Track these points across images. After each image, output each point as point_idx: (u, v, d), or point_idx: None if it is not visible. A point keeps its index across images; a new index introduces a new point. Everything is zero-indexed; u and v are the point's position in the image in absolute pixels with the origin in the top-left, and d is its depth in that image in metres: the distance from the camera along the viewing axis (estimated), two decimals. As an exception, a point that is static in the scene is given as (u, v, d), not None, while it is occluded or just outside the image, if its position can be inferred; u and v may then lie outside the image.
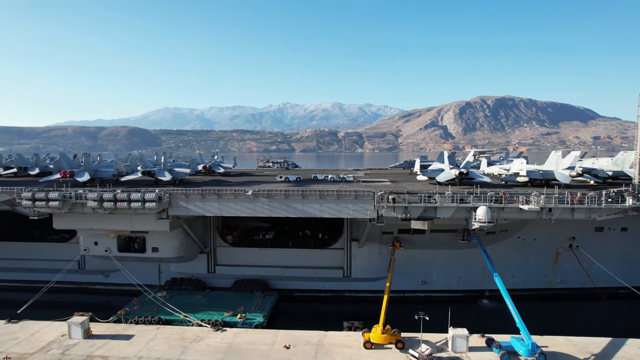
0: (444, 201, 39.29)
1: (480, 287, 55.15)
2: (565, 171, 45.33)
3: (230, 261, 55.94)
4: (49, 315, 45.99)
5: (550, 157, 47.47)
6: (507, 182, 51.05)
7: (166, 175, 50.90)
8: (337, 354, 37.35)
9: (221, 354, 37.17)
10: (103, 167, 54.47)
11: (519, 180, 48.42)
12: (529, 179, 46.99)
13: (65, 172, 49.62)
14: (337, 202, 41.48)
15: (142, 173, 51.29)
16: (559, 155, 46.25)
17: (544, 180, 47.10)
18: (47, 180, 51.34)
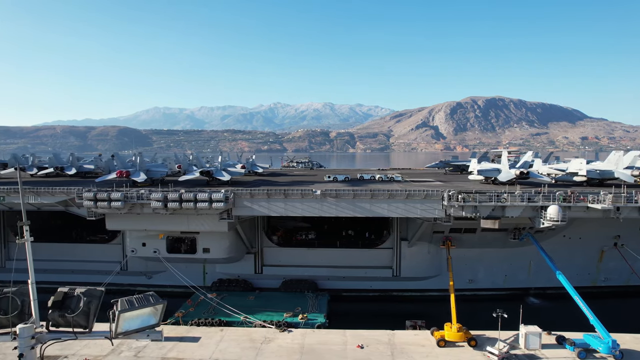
0: (514, 200, 39.64)
1: (526, 285, 55.84)
2: (627, 170, 46.07)
3: (277, 261, 55.74)
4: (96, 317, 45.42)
5: (610, 156, 48.17)
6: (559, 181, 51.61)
7: (224, 175, 50.45)
8: (413, 352, 37.41)
9: (297, 355, 36.96)
10: (156, 167, 53.73)
11: (575, 179, 49.13)
12: (586, 179, 47.71)
13: (122, 172, 48.88)
14: (406, 201, 41.59)
15: (200, 173, 50.75)
16: (620, 154, 46.98)
17: (600, 180, 47.82)
18: (103, 180, 50.54)
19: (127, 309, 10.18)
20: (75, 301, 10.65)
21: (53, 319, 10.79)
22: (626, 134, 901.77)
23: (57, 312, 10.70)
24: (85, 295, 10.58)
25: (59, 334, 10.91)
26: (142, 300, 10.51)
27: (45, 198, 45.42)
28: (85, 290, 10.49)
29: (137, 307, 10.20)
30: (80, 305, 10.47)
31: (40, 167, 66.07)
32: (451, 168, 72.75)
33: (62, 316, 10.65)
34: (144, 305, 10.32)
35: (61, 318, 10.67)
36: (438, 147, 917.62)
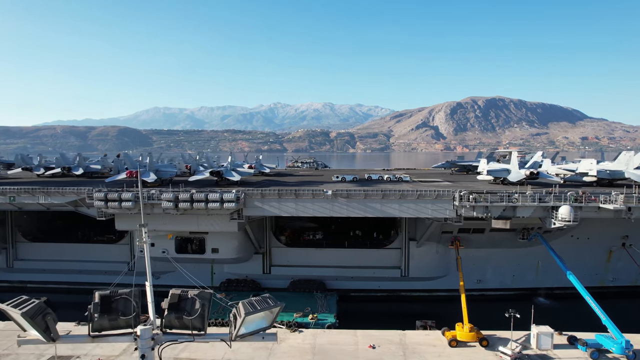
0: (525, 200, 39.67)
1: (534, 285, 55.87)
2: (637, 171, 46.11)
3: (285, 261, 55.74)
4: None
5: (620, 156, 48.24)
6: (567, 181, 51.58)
7: (234, 176, 50.47)
8: (425, 352, 37.44)
9: (309, 355, 36.98)
10: (164, 167, 53.70)
11: (585, 180, 49.17)
12: (596, 179, 47.76)
13: (132, 172, 48.88)
14: (417, 202, 41.63)
15: (210, 173, 50.73)
16: (631, 154, 47.00)
17: (610, 180, 47.86)
18: (113, 180, 50.52)
19: (251, 312, 10.19)
20: (190, 303, 10.70)
21: (168, 321, 10.86)
22: (626, 134, 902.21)
23: (174, 314, 10.77)
24: (199, 297, 10.64)
25: (175, 336, 11.01)
26: (263, 303, 10.53)
27: (55, 198, 45.42)
28: (198, 293, 10.56)
29: (259, 310, 10.23)
30: (196, 308, 10.53)
31: (47, 167, 65.99)
32: (457, 168, 72.81)
33: (179, 318, 10.73)
34: (265, 307, 10.35)
35: (177, 320, 10.75)
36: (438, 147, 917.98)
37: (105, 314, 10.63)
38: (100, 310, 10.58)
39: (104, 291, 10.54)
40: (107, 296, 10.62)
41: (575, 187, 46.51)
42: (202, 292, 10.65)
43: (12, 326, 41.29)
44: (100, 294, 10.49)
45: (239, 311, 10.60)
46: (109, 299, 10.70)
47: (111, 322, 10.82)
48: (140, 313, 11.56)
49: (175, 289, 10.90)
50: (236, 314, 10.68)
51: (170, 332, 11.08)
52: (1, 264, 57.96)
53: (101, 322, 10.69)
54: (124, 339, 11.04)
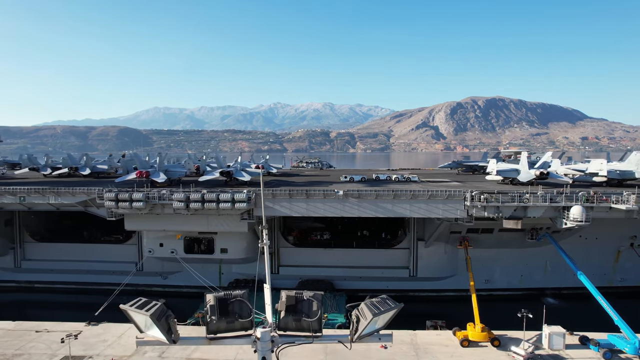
0: (536, 201, 39.70)
1: (542, 285, 55.92)
2: (647, 171, 46.18)
3: (294, 262, 55.75)
4: (113, 317, 45.25)
5: (630, 157, 48.29)
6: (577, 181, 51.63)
7: (245, 176, 50.48)
8: (437, 352, 37.44)
9: (322, 355, 37.02)
10: (174, 168, 53.69)
11: (595, 180, 49.23)
12: (606, 179, 47.83)
13: (142, 172, 48.84)
14: (428, 202, 41.65)
15: (220, 173, 50.71)
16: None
17: (619, 181, 47.93)
18: (123, 180, 50.49)
19: (379, 313, 10.16)
20: (307, 305, 10.67)
21: (285, 323, 10.87)
22: (626, 134, 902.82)
23: (291, 316, 10.76)
24: (315, 298, 10.61)
25: (293, 338, 11.01)
26: (384, 304, 10.50)
27: (65, 198, 45.41)
28: (313, 294, 10.52)
29: (383, 312, 10.21)
30: (314, 309, 10.50)
31: (53, 167, 65.98)
32: (463, 168, 72.88)
33: (297, 320, 10.72)
34: (388, 308, 10.32)
35: (295, 322, 10.74)
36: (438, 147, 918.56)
37: (222, 316, 10.62)
38: (218, 313, 10.56)
39: (218, 293, 10.52)
40: (223, 298, 10.59)
41: (585, 188, 46.58)
42: (316, 293, 10.65)
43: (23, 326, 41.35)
44: (215, 296, 10.49)
45: (362, 312, 10.52)
46: (225, 301, 10.68)
47: (228, 324, 10.82)
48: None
49: (289, 291, 10.89)
50: (359, 315, 10.60)
51: (285, 334, 11.08)
52: (9, 264, 57.95)
53: (218, 324, 10.70)
54: (241, 342, 11.06)
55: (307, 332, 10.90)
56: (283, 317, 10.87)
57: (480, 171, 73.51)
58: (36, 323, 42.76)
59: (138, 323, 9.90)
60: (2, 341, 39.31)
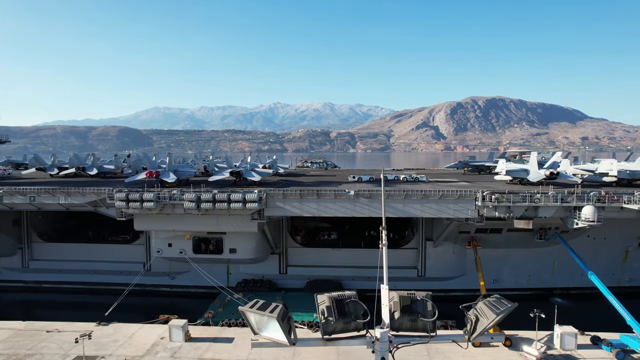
0: (547, 201, 39.73)
1: (550, 285, 55.96)
2: (657, 171, 46.18)
3: (302, 262, 55.76)
4: (123, 317, 45.27)
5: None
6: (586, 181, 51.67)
7: (254, 176, 50.48)
8: (449, 352, 37.49)
9: (334, 355, 36.97)
10: (183, 168, 53.66)
11: (605, 180, 49.25)
12: (617, 179, 47.87)
13: (151, 172, 48.80)
14: (439, 202, 41.66)
15: (230, 173, 50.66)
16: (652, 155, 47.12)
17: (629, 180, 47.95)
18: (133, 180, 50.46)
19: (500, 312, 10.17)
20: (422, 305, 10.69)
21: (399, 324, 10.86)
22: (626, 134, 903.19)
23: (408, 316, 10.76)
24: (429, 299, 10.61)
25: (408, 338, 11.02)
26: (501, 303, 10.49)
27: (75, 198, 45.39)
28: (426, 294, 10.52)
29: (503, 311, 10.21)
30: (429, 309, 10.50)
31: (60, 167, 65.94)
32: (470, 168, 72.96)
33: (413, 320, 10.72)
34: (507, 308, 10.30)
35: (411, 322, 10.75)
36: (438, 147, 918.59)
37: (340, 317, 10.63)
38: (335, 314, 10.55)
39: (331, 294, 10.51)
40: (339, 299, 10.59)
41: (595, 187, 46.62)
42: (429, 293, 10.64)
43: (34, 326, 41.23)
44: (330, 297, 10.48)
45: (482, 312, 10.48)
46: (341, 302, 10.68)
47: (345, 324, 10.83)
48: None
49: (402, 292, 10.86)
50: (478, 315, 10.56)
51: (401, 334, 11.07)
52: (17, 264, 57.95)
53: (335, 325, 10.71)
54: (357, 342, 11.06)
55: (421, 332, 10.88)
56: (398, 318, 10.82)
57: (487, 171, 73.52)
58: (47, 323, 42.76)
59: (254, 324, 9.87)
60: (14, 341, 39.33)
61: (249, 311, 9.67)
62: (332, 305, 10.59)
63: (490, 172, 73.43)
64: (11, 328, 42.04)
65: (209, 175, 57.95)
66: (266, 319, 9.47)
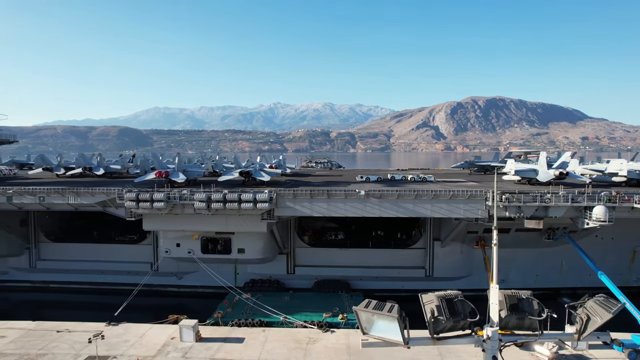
0: (558, 201, 39.75)
1: (557, 285, 55.98)
2: (668, 171, 46.20)
3: (309, 262, 55.73)
4: (132, 317, 45.24)
5: (651, 156, 48.46)
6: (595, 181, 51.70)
7: (264, 176, 50.49)
8: (460, 351, 37.39)
9: (346, 355, 36.94)
10: (191, 168, 53.69)
11: (614, 180, 49.28)
12: (626, 179, 47.92)
13: (161, 172, 48.79)
14: (449, 202, 41.67)
15: (240, 173, 50.67)
16: (662, 154, 47.12)
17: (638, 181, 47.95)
18: (142, 180, 50.44)
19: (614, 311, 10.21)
20: (528, 304, 10.72)
21: (506, 322, 10.89)
22: (627, 134, 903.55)
23: (515, 314, 10.81)
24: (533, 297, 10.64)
25: (515, 337, 11.11)
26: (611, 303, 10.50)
27: (85, 198, 45.35)
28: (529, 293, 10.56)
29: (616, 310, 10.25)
30: (535, 308, 10.55)
31: (66, 167, 65.93)
32: (475, 168, 73.02)
33: (521, 319, 10.78)
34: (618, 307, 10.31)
35: (518, 320, 10.80)
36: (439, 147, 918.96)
37: (451, 316, 10.66)
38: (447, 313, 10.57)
39: (437, 292, 10.52)
40: (448, 298, 10.61)
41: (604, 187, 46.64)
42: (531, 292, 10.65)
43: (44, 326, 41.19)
44: (439, 296, 10.50)
45: (594, 311, 10.52)
46: (451, 301, 10.71)
47: (454, 323, 10.87)
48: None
49: (506, 290, 10.85)
50: (589, 314, 10.58)
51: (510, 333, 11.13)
52: (24, 264, 57.93)
53: (446, 324, 10.75)
54: (466, 341, 11.10)
55: (528, 331, 10.97)
56: (505, 317, 10.86)
57: (492, 171, 73.51)
58: (57, 323, 42.75)
59: (364, 324, 9.90)
60: (25, 341, 39.33)
61: (363, 311, 9.69)
62: (441, 304, 10.60)
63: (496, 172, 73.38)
64: (22, 328, 42.04)
65: (216, 175, 57.91)
66: (376, 318, 9.48)
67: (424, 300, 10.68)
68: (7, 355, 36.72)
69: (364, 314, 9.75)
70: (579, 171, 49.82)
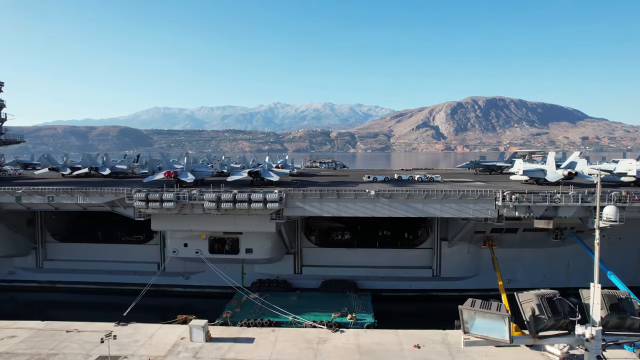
0: (568, 200, 39.80)
1: (564, 285, 55.88)
2: (677, 171, 46.26)
3: (317, 262, 55.75)
4: (138, 317, 45.18)
5: (661, 156, 48.48)
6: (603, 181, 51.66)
7: (273, 176, 50.53)
8: (471, 352, 37.23)
9: (356, 355, 36.90)
10: (200, 168, 53.75)
11: (623, 180, 49.33)
12: (635, 179, 47.96)
13: (170, 172, 48.83)
14: (459, 202, 41.70)
15: (248, 173, 50.73)
16: (671, 155, 47.16)
17: (650, 181, 48.14)
18: (150, 180, 50.45)
19: None
20: (628, 304, 10.74)
21: (606, 322, 10.91)
22: (627, 134, 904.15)
23: (616, 314, 10.84)
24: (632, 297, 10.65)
25: (616, 337, 11.16)
26: None
27: (94, 198, 45.35)
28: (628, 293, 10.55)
29: None
30: (636, 308, 10.56)
31: (72, 167, 65.99)
32: (481, 168, 73.15)
33: (622, 319, 10.82)
34: None
35: (620, 320, 10.83)
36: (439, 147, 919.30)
37: (553, 314, 10.72)
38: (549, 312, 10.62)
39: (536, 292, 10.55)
40: (549, 297, 10.67)
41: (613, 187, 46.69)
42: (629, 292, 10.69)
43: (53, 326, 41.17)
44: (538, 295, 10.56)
45: None
46: (551, 300, 10.78)
47: (555, 322, 10.95)
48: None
49: (605, 290, 10.88)
50: None
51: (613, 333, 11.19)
52: (31, 264, 57.93)
53: (547, 322, 10.84)
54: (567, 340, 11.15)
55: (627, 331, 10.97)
56: (606, 316, 10.90)
57: (498, 171, 73.58)
58: (66, 323, 42.73)
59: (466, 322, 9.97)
60: (35, 341, 39.31)
61: (468, 309, 9.72)
62: (542, 303, 10.62)
63: (500, 172, 73.52)
64: (31, 328, 42.03)
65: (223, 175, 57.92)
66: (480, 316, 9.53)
67: (522, 299, 10.77)
68: (18, 355, 36.71)
69: (466, 312, 9.83)
70: (587, 171, 49.91)
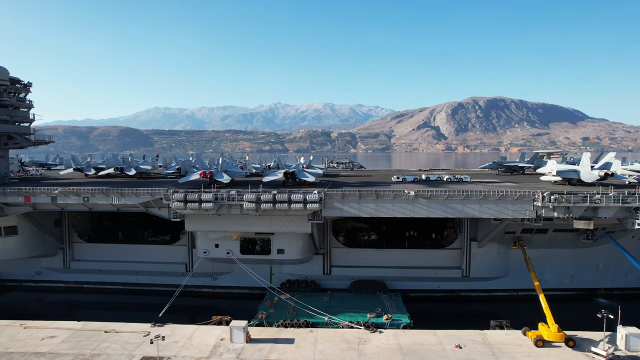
0: (608, 201, 39.83)
1: (593, 285, 56.04)
2: None
3: (345, 262, 55.68)
4: (168, 318, 45.01)
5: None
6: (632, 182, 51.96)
7: (309, 177, 50.53)
8: (514, 352, 37.42)
9: (399, 356, 36.91)
10: (232, 168, 53.73)
11: (656, 180, 49.48)
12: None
13: (205, 172, 48.78)
14: (498, 202, 41.72)
15: (284, 174, 50.75)
16: None
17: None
18: (186, 181, 50.34)
19: None
20: None
21: None
22: (627, 135, 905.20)
23: None
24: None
25: None
26: None
27: (129, 199, 45.25)
28: None
29: None
30: None
31: (96, 167, 66.03)
32: (503, 169, 73.21)
33: None
34: None
35: None
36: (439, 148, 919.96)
37: None
38: None
39: None
40: None
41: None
42: None
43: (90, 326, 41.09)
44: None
45: None
46: None
47: None
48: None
49: None
50: None
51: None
52: (58, 265, 57.83)
53: None
54: None
55: None
56: None
57: (519, 172, 73.58)
58: (102, 324, 42.72)
59: None
60: (75, 341, 39.29)
61: None
62: None
63: (522, 173, 73.53)
64: (69, 328, 42.02)
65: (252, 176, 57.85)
66: None
67: None
68: (62, 355, 36.70)
69: None
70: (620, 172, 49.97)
